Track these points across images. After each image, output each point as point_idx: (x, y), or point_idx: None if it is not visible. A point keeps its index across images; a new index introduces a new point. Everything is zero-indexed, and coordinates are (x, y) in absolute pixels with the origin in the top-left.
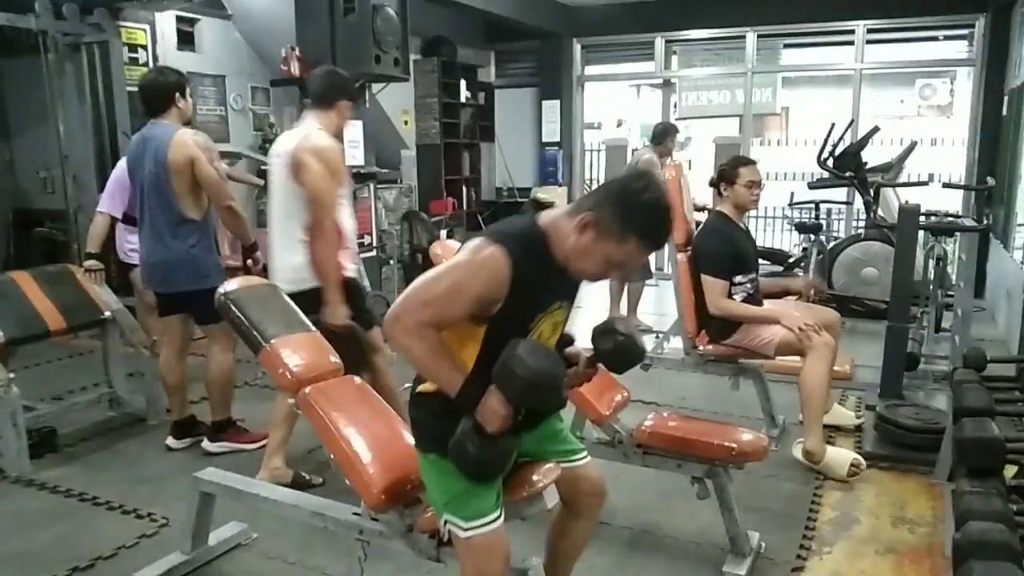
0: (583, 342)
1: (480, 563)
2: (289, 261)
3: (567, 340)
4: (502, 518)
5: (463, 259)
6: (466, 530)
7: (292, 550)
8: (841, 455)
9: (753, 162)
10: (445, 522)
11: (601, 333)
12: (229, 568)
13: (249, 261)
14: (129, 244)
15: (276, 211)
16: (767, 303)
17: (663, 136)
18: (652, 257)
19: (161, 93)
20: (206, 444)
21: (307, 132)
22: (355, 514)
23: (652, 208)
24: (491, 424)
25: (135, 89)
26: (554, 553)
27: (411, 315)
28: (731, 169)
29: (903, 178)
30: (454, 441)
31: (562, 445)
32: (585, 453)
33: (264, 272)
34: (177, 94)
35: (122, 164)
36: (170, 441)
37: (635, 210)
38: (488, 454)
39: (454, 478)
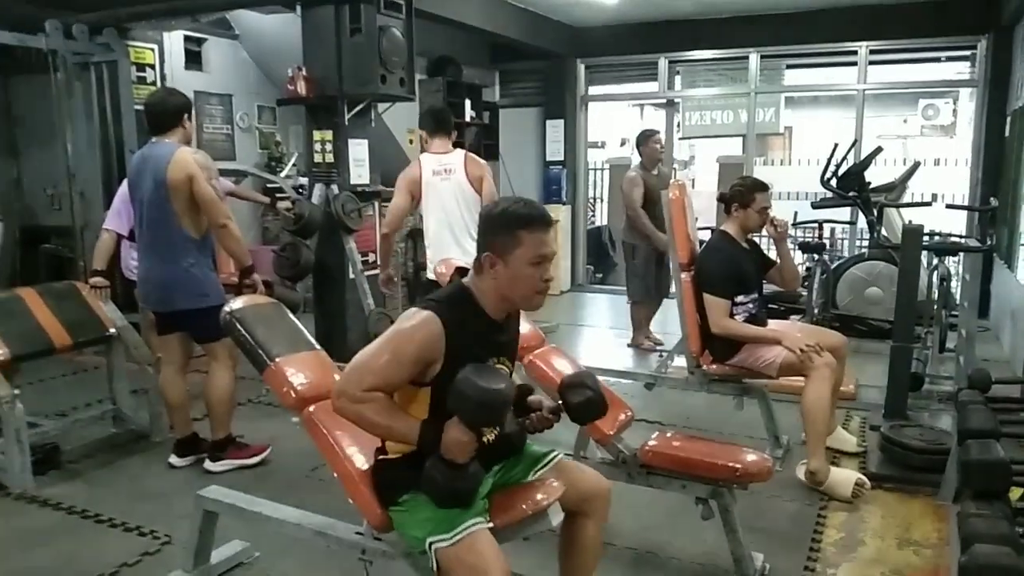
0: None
1: (472, 568)
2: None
3: (526, 390)
4: (486, 527)
5: (398, 327)
6: (451, 539)
7: (294, 569)
8: (845, 475)
9: (768, 187)
10: (431, 545)
11: (571, 386)
12: None
13: (247, 281)
14: (133, 261)
15: (456, 213)
16: (771, 323)
17: (639, 144)
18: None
19: (171, 112)
20: (208, 464)
21: (463, 153)
22: (358, 533)
23: (512, 204)
24: (458, 454)
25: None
26: (570, 565)
27: (355, 386)
28: (748, 193)
29: (906, 198)
30: (424, 476)
31: (532, 456)
32: (556, 451)
33: (269, 290)
34: (185, 115)
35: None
36: (173, 459)
37: (502, 218)
38: (457, 481)
39: (427, 507)
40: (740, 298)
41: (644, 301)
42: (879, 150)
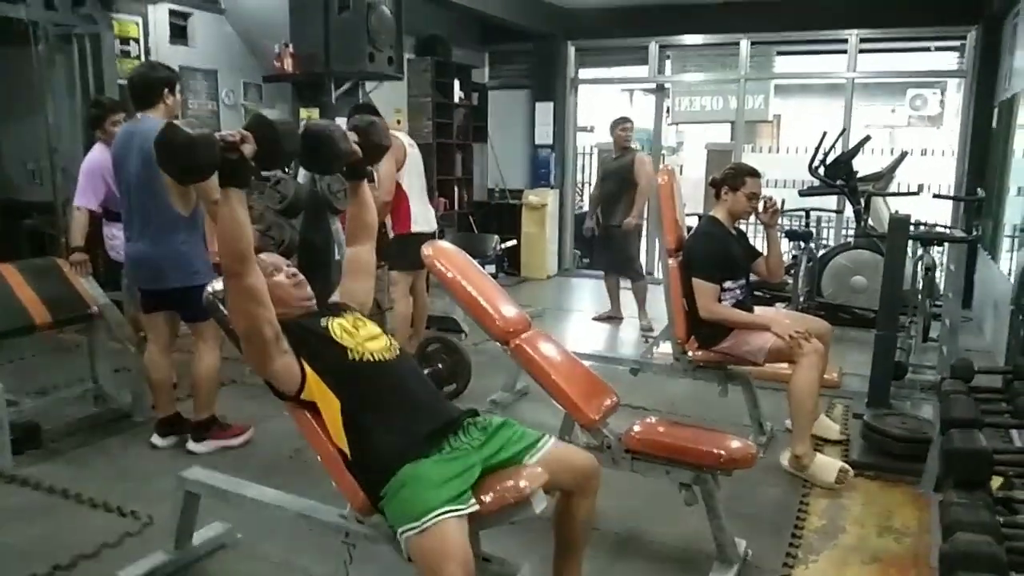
0: None
1: (433, 557)
2: (431, 213)
3: None
4: (461, 515)
5: None
6: (419, 527)
7: (277, 551)
8: (828, 463)
9: (759, 174)
10: (402, 534)
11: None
12: (213, 568)
13: None
14: (115, 240)
15: (421, 182)
16: (757, 310)
17: (611, 129)
18: (644, 258)
19: (149, 87)
20: (191, 445)
21: None
22: (341, 516)
23: None
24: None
25: (126, 82)
26: (566, 539)
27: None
28: (737, 176)
29: (893, 188)
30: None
31: (523, 443)
32: (547, 436)
33: None
34: (166, 90)
35: (90, 157)
36: (155, 439)
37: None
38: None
39: (402, 498)
40: (728, 284)
41: (641, 280)
42: (867, 139)
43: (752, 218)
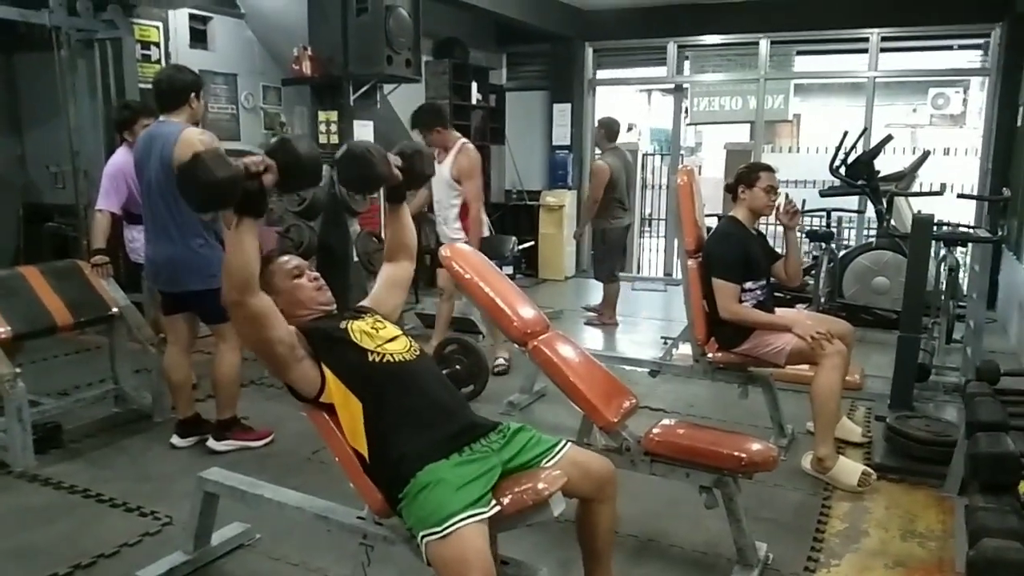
0: None
1: (455, 566)
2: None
3: None
4: (482, 519)
5: None
6: (440, 533)
7: (295, 552)
8: (851, 466)
9: (772, 169)
10: (422, 539)
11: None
12: (231, 568)
13: None
14: (134, 243)
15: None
16: (778, 311)
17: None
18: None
19: (177, 90)
20: (211, 443)
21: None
22: (359, 518)
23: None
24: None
25: (147, 86)
26: (592, 547)
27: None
28: (751, 172)
29: (915, 187)
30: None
31: (541, 447)
32: (565, 440)
33: None
34: (192, 94)
35: (113, 160)
36: (175, 439)
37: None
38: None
39: (422, 502)
40: (749, 284)
41: (615, 283)
42: (889, 138)
43: (772, 218)
